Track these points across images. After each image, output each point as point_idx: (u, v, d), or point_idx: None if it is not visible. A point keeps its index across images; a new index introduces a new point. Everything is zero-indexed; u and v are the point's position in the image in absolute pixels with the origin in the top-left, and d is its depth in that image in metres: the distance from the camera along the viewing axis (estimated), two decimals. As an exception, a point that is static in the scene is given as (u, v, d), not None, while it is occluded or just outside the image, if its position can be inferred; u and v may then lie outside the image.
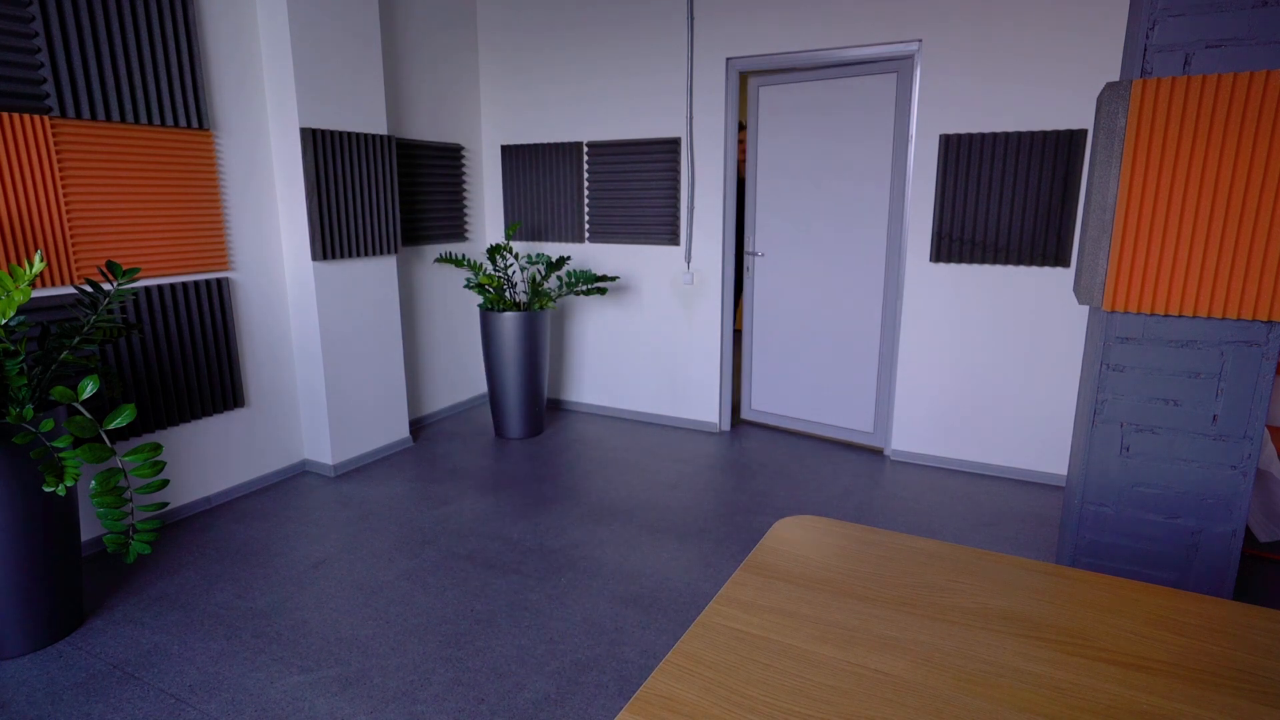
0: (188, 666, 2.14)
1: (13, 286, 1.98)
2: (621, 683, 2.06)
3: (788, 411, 4.10)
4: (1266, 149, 1.81)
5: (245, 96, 3.18)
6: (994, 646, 1.12)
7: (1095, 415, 2.14)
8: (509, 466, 3.69)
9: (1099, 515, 2.19)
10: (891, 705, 0.99)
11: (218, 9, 3.04)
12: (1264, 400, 1.95)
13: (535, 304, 4.04)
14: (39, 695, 2.02)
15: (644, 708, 0.99)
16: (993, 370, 3.47)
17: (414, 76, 4.06)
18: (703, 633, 1.16)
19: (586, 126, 4.27)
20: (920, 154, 3.44)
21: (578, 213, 4.38)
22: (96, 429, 2.02)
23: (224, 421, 3.23)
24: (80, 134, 2.62)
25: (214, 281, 3.09)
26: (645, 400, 4.42)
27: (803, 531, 1.51)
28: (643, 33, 3.99)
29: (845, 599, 1.26)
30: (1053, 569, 1.36)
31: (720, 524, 3.04)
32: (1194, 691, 1.02)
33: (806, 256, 3.88)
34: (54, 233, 2.57)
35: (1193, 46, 1.89)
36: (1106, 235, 2.00)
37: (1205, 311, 1.95)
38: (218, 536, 2.93)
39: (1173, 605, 1.23)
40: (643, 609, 2.42)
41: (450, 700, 1.99)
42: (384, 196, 3.62)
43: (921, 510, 3.17)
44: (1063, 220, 3.20)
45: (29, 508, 2.11)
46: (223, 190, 3.13)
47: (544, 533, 2.96)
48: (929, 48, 3.34)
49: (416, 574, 2.65)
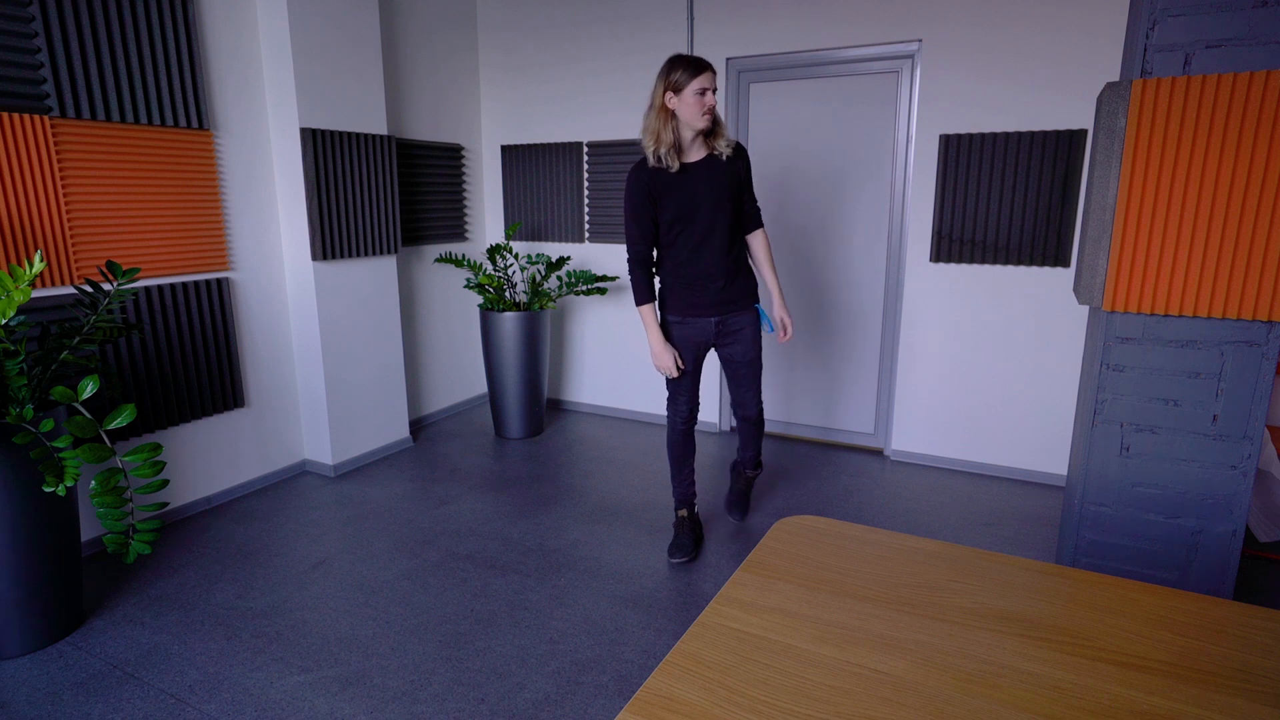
0: (188, 666, 2.14)
1: (13, 286, 1.98)
2: (621, 683, 2.06)
3: (785, 416, 4.09)
4: (1266, 149, 1.81)
5: (245, 96, 3.18)
6: (993, 646, 1.12)
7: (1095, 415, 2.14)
8: (509, 466, 3.69)
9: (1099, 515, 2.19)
10: (891, 705, 0.99)
11: (218, 9, 3.04)
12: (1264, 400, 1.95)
13: (535, 304, 4.04)
14: (39, 695, 2.02)
15: (644, 708, 0.99)
16: (993, 370, 3.47)
17: (414, 76, 4.06)
18: (703, 633, 1.16)
19: (586, 126, 4.27)
20: (920, 154, 3.44)
21: (578, 213, 4.38)
22: (96, 429, 2.02)
23: (224, 421, 3.23)
24: (80, 134, 2.62)
25: (214, 281, 3.09)
26: (645, 400, 4.42)
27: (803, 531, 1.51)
28: (643, 32, 3.99)
29: (845, 599, 1.26)
30: (1053, 569, 1.36)
31: (720, 524, 3.04)
32: (1194, 691, 1.02)
33: (806, 256, 3.88)
34: (54, 233, 2.57)
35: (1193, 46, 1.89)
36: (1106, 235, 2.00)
37: (1205, 311, 1.95)
38: (218, 536, 2.93)
39: (1173, 605, 1.23)
40: (643, 609, 2.42)
41: (450, 700, 1.99)
42: (384, 196, 3.62)
43: (921, 510, 3.17)
44: (1063, 220, 3.20)
45: (29, 508, 2.11)
46: (223, 190, 3.13)
47: (544, 533, 2.96)
48: (929, 47, 3.34)
49: (416, 574, 2.65)
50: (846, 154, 3.68)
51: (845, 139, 3.67)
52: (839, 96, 3.65)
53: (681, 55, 2.35)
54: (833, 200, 3.76)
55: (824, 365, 3.95)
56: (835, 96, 3.65)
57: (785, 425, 4.13)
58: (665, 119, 2.36)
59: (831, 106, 3.67)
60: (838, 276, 3.82)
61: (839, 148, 3.69)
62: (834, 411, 3.97)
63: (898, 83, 3.50)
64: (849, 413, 3.94)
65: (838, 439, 4.01)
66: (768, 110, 3.83)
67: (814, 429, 4.05)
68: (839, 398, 3.95)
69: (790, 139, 3.79)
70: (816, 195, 3.79)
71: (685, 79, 2.31)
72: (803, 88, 3.72)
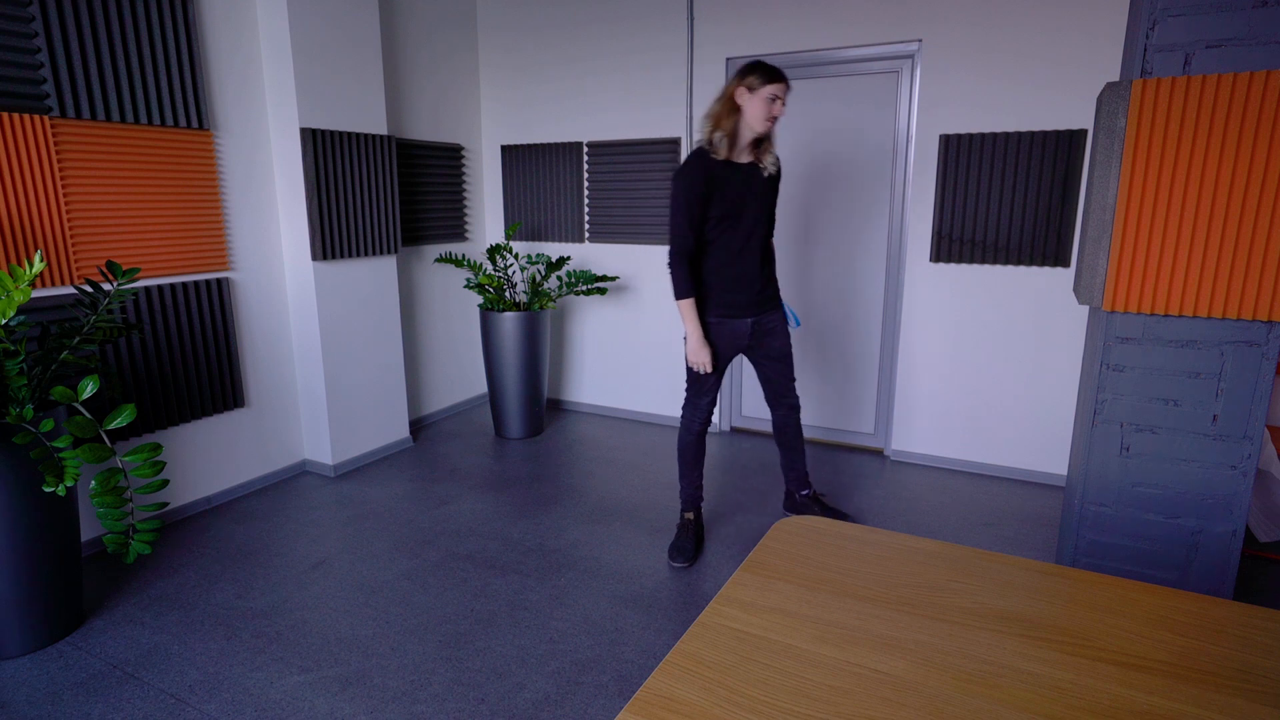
0: (188, 666, 2.14)
1: (13, 286, 1.98)
2: (621, 683, 2.06)
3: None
4: (1266, 149, 1.81)
5: (245, 96, 3.18)
6: (993, 646, 1.12)
7: (1095, 415, 2.14)
8: (509, 466, 3.69)
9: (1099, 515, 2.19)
10: (891, 705, 0.99)
11: (218, 9, 3.04)
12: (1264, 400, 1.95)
13: (535, 304, 4.04)
14: (39, 695, 2.02)
15: (644, 708, 0.99)
16: (993, 370, 3.47)
17: (414, 76, 4.06)
18: (703, 633, 1.16)
19: (586, 126, 4.27)
20: (920, 154, 3.44)
21: (578, 213, 4.38)
22: (96, 429, 2.02)
23: (224, 421, 3.23)
24: (80, 134, 2.62)
25: (214, 281, 3.10)
26: (645, 400, 4.42)
27: (803, 531, 1.51)
28: (643, 32, 3.99)
29: (845, 599, 1.26)
30: (1053, 569, 1.36)
31: (720, 524, 3.04)
32: (1194, 691, 1.02)
33: (806, 256, 3.88)
34: (54, 233, 2.57)
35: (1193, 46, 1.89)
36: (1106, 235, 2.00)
37: (1205, 311, 1.95)
38: (218, 536, 2.93)
39: (1173, 605, 1.23)
40: (643, 609, 2.42)
41: (450, 700, 1.99)
42: (384, 196, 3.62)
43: (921, 510, 3.17)
44: (1063, 220, 3.20)
45: (29, 508, 2.11)
46: (223, 190, 3.13)
47: (544, 533, 2.96)
48: (929, 48, 3.34)
49: (416, 574, 2.65)
50: (846, 154, 3.68)
51: (845, 139, 3.67)
52: (839, 96, 3.65)
53: (762, 61, 2.46)
54: (833, 200, 3.76)
55: (824, 365, 3.95)
56: (835, 96, 3.65)
57: (785, 425, 4.13)
58: (729, 111, 2.47)
59: (831, 106, 3.67)
60: (838, 276, 3.82)
61: (839, 148, 3.69)
62: (834, 411, 3.97)
63: (898, 83, 3.50)
64: (849, 413, 3.94)
65: (838, 439, 4.01)
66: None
67: (814, 429, 4.05)
68: (839, 398, 3.95)
69: (790, 139, 3.79)
70: (816, 195, 3.79)
71: (761, 81, 2.42)
72: (803, 88, 3.72)
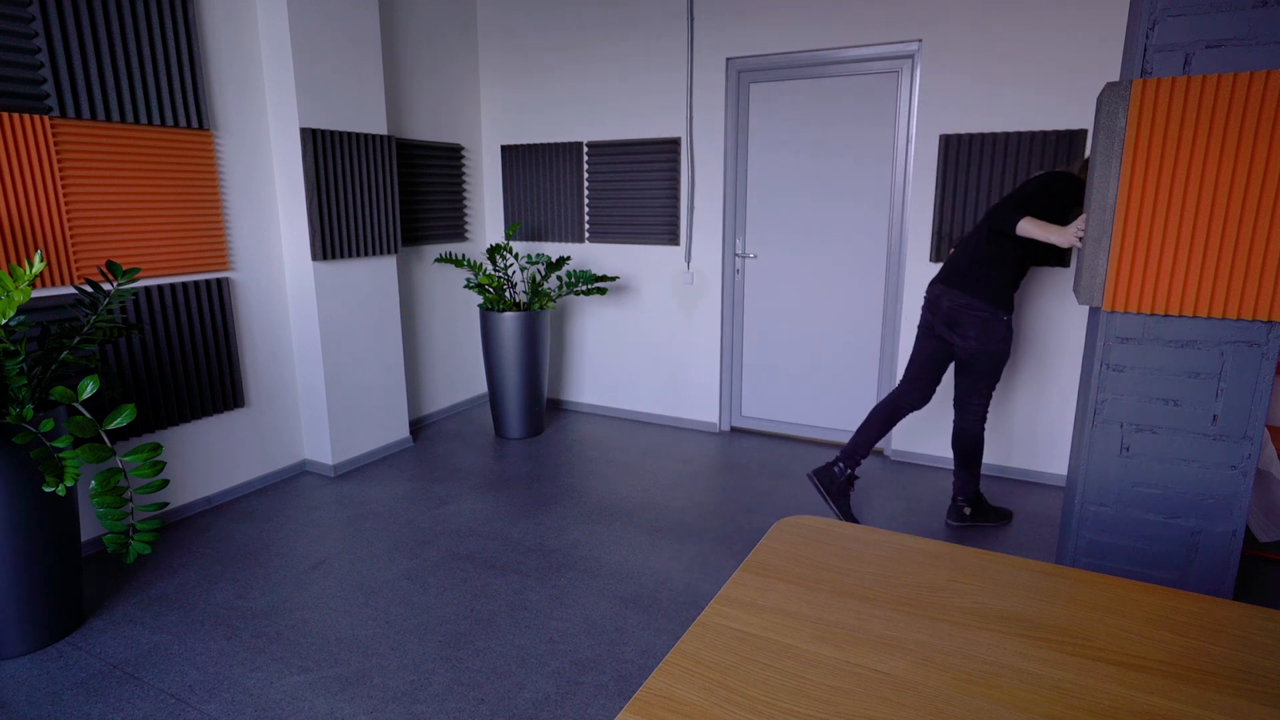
0: (188, 666, 2.14)
1: (13, 286, 1.98)
2: (621, 683, 2.06)
3: (786, 416, 4.09)
4: (1266, 149, 1.81)
5: (245, 96, 3.18)
6: (993, 646, 1.12)
7: (1095, 415, 2.14)
8: (509, 466, 3.69)
9: (1099, 515, 2.19)
10: (891, 705, 0.99)
11: (218, 9, 3.04)
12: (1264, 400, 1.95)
13: (535, 304, 4.04)
14: (39, 695, 2.02)
15: (644, 708, 0.99)
16: (993, 370, 3.46)
17: (414, 76, 4.06)
18: (703, 633, 1.16)
19: (586, 126, 4.27)
20: (920, 154, 3.44)
21: (578, 213, 4.38)
22: (96, 429, 2.02)
23: (224, 421, 3.23)
24: (80, 134, 2.62)
25: (214, 281, 3.09)
26: (645, 400, 4.42)
27: (803, 531, 1.51)
28: (643, 33, 3.99)
29: (845, 599, 1.26)
30: (1052, 569, 1.36)
31: (720, 524, 3.04)
32: (1194, 691, 1.02)
33: (805, 258, 3.88)
34: (54, 233, 2.57)
35: (1193, 46, 1.89)
36: (1106, 235, 2.00)
37: (1205, 311, 1.95)
38: (218, 536, 2.93)
39: (1173, 605, 1.23)
40: (643, 609, 2.42)
41: (450, 700, 1.99)
42: (384, 196, 3.62)
43: (921, 510, 3.17)
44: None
45: (29, 508, 2.11)
46: (223, 190, 3.13)
47: (544, 533, 2.96)
48: (929, 48, 3.34)
49: (416, 574, 2.65)
50: (846, 154, 3.68)
51: (845, 139, 3.67)
52: (839, 96, 3.65)
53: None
54: (832, 200, 3.76)
55: (824, 365, 3.95)
56: (835, 96, 3.65)
57: (785, 425, 4.13)
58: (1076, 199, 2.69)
59: (831, 106, 3.67)
60: (837, 276, 3.82)
61: (839, 148, 3.69)
62: (834, 411, 3.97)
63: (898, 83, 3.50)
64: (849, 412, 3.94)
65: (838, 439, 4.00)
66: (768, 110, 3.83)
67: (814, 429, 4.05)
68: (839, 398, 3.95)
69: (790, 139, 3.79)
70: (816, 195, 3.79)
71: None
72: (803, 88, 3.72)
